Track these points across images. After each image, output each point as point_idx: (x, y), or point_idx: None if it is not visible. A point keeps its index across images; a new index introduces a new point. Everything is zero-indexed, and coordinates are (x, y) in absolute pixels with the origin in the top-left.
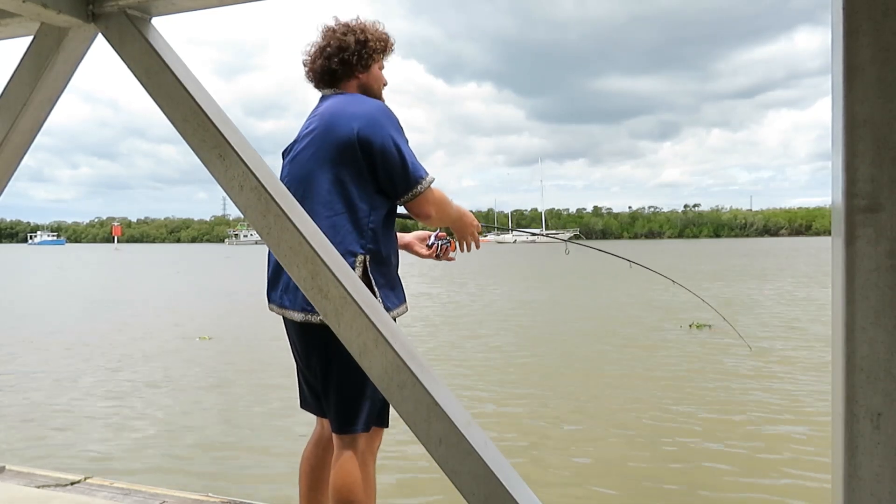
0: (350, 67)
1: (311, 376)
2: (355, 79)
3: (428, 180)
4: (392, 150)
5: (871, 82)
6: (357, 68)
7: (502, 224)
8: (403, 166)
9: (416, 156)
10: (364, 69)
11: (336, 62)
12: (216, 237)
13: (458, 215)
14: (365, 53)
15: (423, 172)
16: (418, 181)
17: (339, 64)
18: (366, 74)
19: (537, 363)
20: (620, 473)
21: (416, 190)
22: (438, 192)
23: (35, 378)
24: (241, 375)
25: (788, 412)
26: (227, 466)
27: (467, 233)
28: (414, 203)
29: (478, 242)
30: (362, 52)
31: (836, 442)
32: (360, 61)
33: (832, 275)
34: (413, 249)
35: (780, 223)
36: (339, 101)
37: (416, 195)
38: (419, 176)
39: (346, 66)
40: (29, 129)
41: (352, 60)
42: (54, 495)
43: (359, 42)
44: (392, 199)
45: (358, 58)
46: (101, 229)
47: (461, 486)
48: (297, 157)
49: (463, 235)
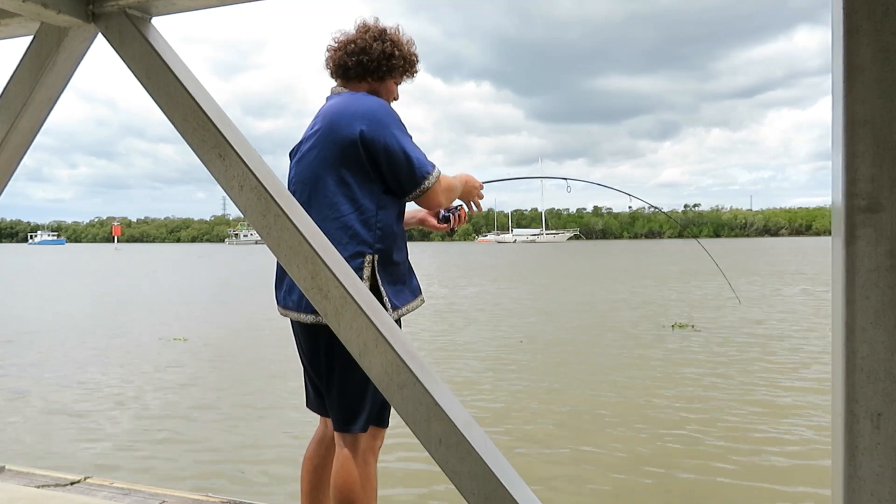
0: (365, 72)
1: (315, 375)
2: (366, 83)
3: (434, 175)
4: (396, 149)
5: (871, 82)
6: (372, 75)
7: (502, 224)
8: (409, 164)
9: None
10: (378, 79)
11: (353, 61)
12: (216, 237)
13: (462, 187)
14: (385, 66)
15: (429, 168)
16: (425, 177)
17: (355, 64)
18: (378, 84)
19: (537, 363)
20: (620, 473)
21: (423, 186)
22: (445, 179)
23: (35, 378)
24: (241, 376)
25: (788, 410)
26: (227, 466)
27: (473, 195)
28: (423, 198)
29: (479, 204)
30: (382, 63)
31: (836, 442)
32: (377, 71)
33: (832, 275)
34: (428, 224)
35: (780, 223)
36: (342, 100)
37: (424, 191)
38: (426, 172)
39: (361, 68)
40: (29, 129)
41: (369, 66)
42: (54, 495)
43: (384, 53)
44: (400, 197)
45: (376, 66)
46: (102, 229)
47: (461, 486)
48: (302, 158)
49: (469, 199)
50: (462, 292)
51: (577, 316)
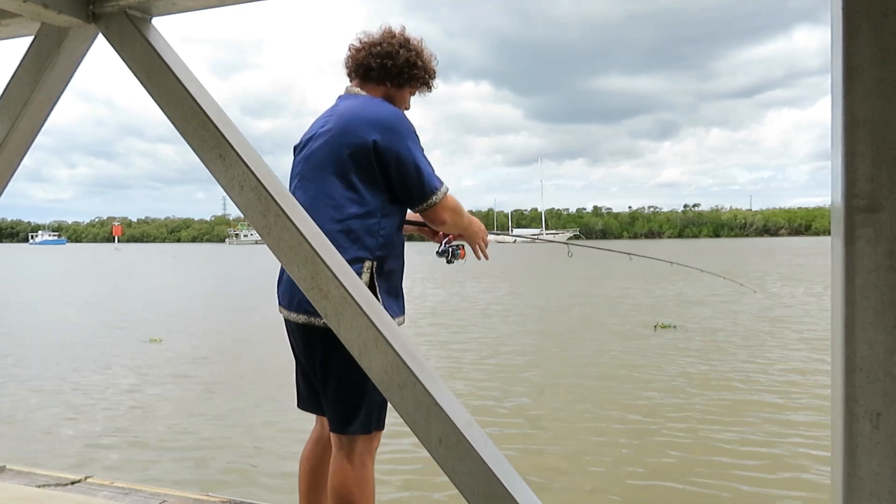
0: (386, 76)
1: (312, 375)
2: (384, 87)
3: (442, 191)
4: (408, 160)
5: (871, 82)
6: (393, 81)
7: (502, 224)
8: (419, 177)
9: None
10: (397, 86)
11: (377, 63)
12: (216, 237)
13: (468, 224)
14: (406, 74)
15: (437, 183)
16: (433, 192)
17: (379, 66)
18: (395, 90)
19: (533, 362)
20: (620, 472)
21: (431, 200)
22: (453, 199)
23: (35, 378)
24: (241, 376)
25: (785, 408)
26: (227, 466)
27: (478, 239)
28: (429, 212)
29: (486, 252)
30: (404, 71)
31: (835, 442)
32: (399, 77)
33: (832, 275)
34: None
35: (779, 223)
36: (358, 103)
37: (431, 205)
38: (434, 187)
39: (384, 71)
40: (29, 129)
41: (392, 71)
42: (54, 495)
43: (409, 62)
44: (409, 207)
45: (398, 73)
46: (102, 229)
47: (461, 486)
48: (311, 155)
49: (473, 242)
50: (461, 293)
51: (571, 316)
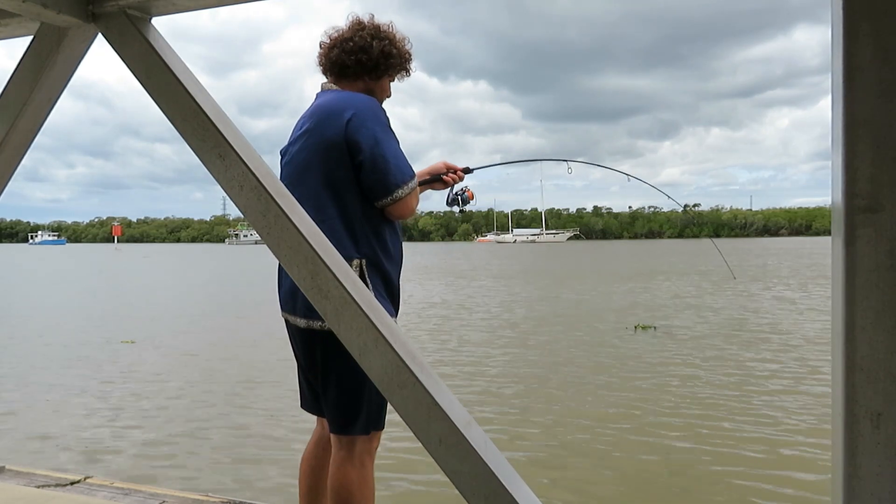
0: (363, 71)
1: (312, 378)
2: (362, 81)
3: (410, 185)
4: (377, 151)
5: (871, 82)
6: (370, 74)
7: (502, 224)
8: (386, 169)
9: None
10: (375, 78)
11: (353, 60)
12: (216, 237)
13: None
14: (383, 65)
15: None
16: (399, 186)
17: (354, 63)
18: (374, 82)
19: (531, 361)
20: (620, 472)
21: (396, 195)
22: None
23: (35, 377)
24: (241, 376)
25: (785, 407)
26: (226, 467)
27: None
28: (395, 206)
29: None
30: (380, 62)
31: (836, 442)
32: (376, 70)
33: (832, 275)
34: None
35: (780, 223)
36: (332, 99)
37: (396, 200)
38: (401, 180)
39: (360, 67)
40: (29, 129)
41: (368, 65)
42: (54, 495)
43: (384, 52)
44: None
45: (374, 65)
46: (102, 229)
47: (461, 486)
48: (292, 159)
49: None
50: (462, 291)
51: (565, 317)
